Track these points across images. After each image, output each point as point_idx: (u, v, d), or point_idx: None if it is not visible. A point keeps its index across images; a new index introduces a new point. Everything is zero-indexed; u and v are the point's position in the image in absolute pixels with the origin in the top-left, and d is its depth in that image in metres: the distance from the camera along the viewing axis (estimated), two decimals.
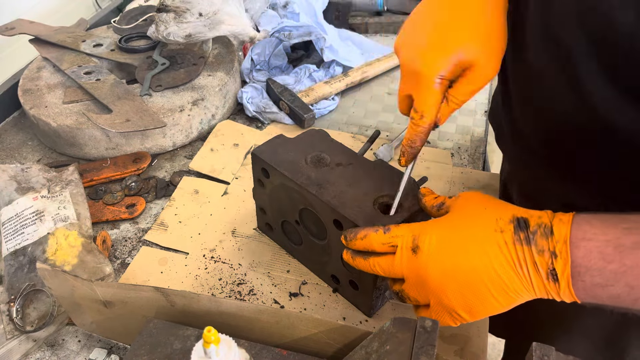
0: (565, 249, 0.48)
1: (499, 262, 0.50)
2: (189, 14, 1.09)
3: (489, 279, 0.51)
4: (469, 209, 0.56)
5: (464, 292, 0.53)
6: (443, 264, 0.54)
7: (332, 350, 0.61)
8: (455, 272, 0.53)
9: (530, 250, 0.49)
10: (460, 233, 0.54)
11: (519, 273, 0.50)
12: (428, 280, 0.55)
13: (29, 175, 0.91)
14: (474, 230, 0.53)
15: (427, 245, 0.55)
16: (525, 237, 0.50)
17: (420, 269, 0.56)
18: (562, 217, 0.50)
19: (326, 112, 1.16)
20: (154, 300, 0.62)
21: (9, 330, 0.74)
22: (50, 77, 1.14)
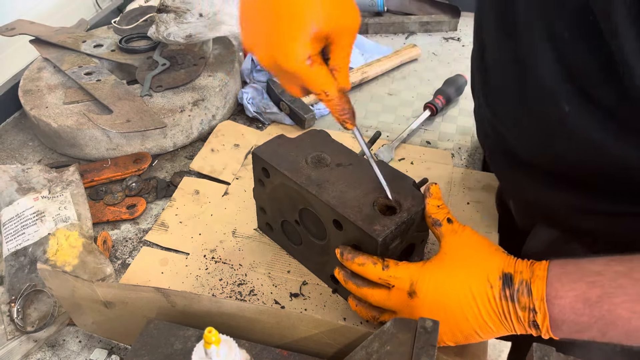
0: (543, 306, 0.55)
1: (487, 313, 0.58)
2: (190, 15, 1.09)
3: (477, 326, 0.59)
4: (464, 256, 0.61)
5: (454, 332, 0.60)
6: (438, 310, 0.59)
7: (333, 351, 0.61)
8: (447, 318, 0.59)
9: (515, 306, 0.56)
10: (455, 283, 0.59)
11: (504, 322, 0.57)
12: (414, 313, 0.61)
13: (29, 175, 0.91)
14: (468, 282, 0.58)
15: (424, 292, 0.60)
16: (510, 294, 0.56)
17: (415, 310, 0.61)
18: (539, 273, 0.56)
19: (326, 112, 1.16)
20: (154, 300, 0.62)
21: (9, 331, 0.74)
22: (51, 78, 1.14)
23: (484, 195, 0.94)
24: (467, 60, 1.34)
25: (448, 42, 1.42)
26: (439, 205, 0.66)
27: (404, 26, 1.45)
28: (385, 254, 0.67)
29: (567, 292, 0.54)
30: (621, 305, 0.51)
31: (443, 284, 0.59)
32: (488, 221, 0.90)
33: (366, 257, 0.64)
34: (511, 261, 0.59)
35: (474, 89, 0.87)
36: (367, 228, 0.65)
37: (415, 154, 1.05)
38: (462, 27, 1.47)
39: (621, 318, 0.51)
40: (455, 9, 1.46)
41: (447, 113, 1.16)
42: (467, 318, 0.58)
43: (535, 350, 0.56)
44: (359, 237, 0.67)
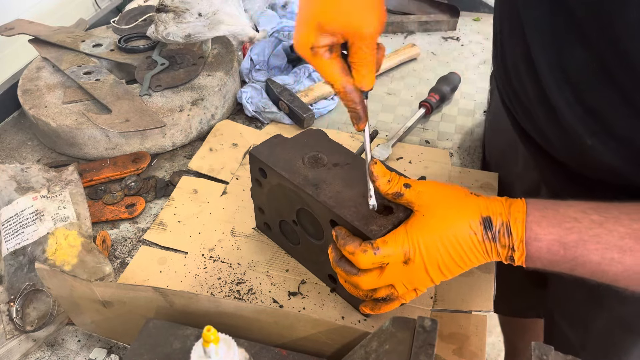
0: (521, 246, 0.59)
1: (473, 254, 0.62)
2: (189, 14, 1.09)
3: (464, 265, 0.64)
4: (441, 210, 0.63)
5: (444, 273, 0.64)
6: (432, 265, 0.63)
7: (332, 350, 0.61)
8: (440, 266, 0.63)
9: (496, 245, 0.61)
10: (443, 238, 0.62)
11: (487, 257, 0.63)
12: (418, 279, 0.65)
13: (28, 175, 0.91)
14: (454, 233, 0.62)
15: (419, 256, 0.63)
16: (491, 236, 0.61)
17: (412, 274, 0.64)
18: (517, 216, 0.60)
19: (325, 112, 1.16)
20: (152, 300, 0.62)
21: (8, 330, 0.74)
22: (50, 77, 1.14)
23: (483, 194, 0.94)
24: (466, 60, 1.35)
25: (447, 41, 1.42)
26: (389, 179, 0.66)
27: (403, 26, 1.45)
28: None
29: (546, 235, 0.58)
30: (594, 252, 0.57)
31: (432, 242, 0.62)
32: None
33: (355, 245, 0.64)
34: (487, 203, 0.62)
35: None
36: (363, 228, 0.65)
37: (414, 153, 1.05)
38: (461, 27, 1.47)
39: (591, 262, 0.57)
40: (454, 8, 1.46)
41: (446, 112, 1.17)
42: (457, 263, 0.63)
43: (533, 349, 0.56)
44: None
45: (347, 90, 0.66)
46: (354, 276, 0.65)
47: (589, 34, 0.58)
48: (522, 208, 0.60)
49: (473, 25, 1.48)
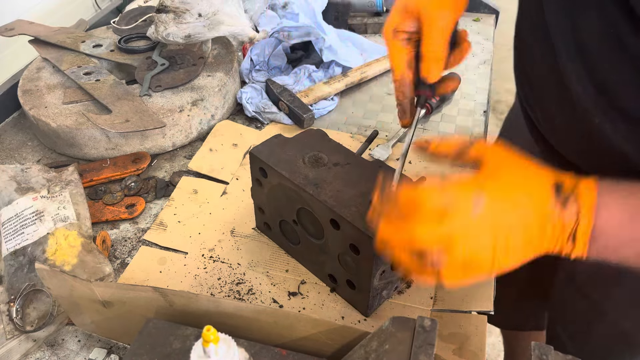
0: (589, 216, 0.52)
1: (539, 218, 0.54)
2: (189, 15, 1.09)
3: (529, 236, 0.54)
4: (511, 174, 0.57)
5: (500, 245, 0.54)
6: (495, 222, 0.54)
7: (331, 350, 0.61)
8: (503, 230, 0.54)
9: (563, 214, 0.53)
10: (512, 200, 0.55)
11: (552, 232, 0.54)
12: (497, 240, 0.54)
13: (28, 175, 0.91)
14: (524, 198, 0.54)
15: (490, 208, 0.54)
16: (562, 202, 0.53)
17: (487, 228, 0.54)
18: (589, 185, 0.54)
19: (325, 112, 1.16)
20: (152, 300, 0.62)
21: (8, 330, 0.74)
22: (50, 78, 1.14)
23: None
24: (466, 60, 1.35)
25: None
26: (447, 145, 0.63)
27: None
28: None
29: (616, 204, 0.53)
30: None
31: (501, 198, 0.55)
32: None
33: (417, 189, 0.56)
34: (558, 173, 0.56)
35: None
36: (364, 227, 0.65)
37: (413, 153, 1.05)
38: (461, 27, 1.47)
39: None
40: None
41: (446, 113, 1.17)
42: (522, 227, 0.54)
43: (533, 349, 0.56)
44: (356, 237, 0.67)
45: (402, 81, 0.67)
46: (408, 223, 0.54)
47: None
48: (592, 180, 0.55)
49: (473, 25, 1.48)
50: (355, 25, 1.45)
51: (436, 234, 0.53)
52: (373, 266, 0.68)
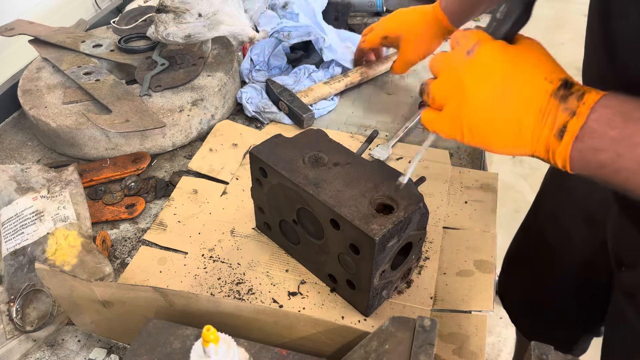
0: (584, 112, 0.52)
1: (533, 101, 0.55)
2: (189, 15, 1.09)
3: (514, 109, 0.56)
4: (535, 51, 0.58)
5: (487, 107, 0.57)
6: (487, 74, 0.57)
7: (331, 350, 0.61)
8: (492, 87, 0.57)
9: (559, 106, 0.54)
10: (516, 60, 0.57)
11: (539, 120, 0.55)
12: (464, 80, 0.58)
13: (28, 175, 0.91)
14: (530, 66, 0.56)
15: (482, 54, 0.58)
16: (562, 95, 0.54)
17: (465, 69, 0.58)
18: (599, 91, 0.53)
19: (325, 112, 1.16)
20: (152, 300, 0.62)
21: (8, 330, 0.74)
22: (50, 78, 1.14)
23: (482, 194, 0.95)
24: None
25: (447, 42, 1.42)
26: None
27: None
28: (382, 252, 0.67)
29: (616, 105, 0.52)
30: None
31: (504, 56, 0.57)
32: (486, 220, 0.90)
33: None
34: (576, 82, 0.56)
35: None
36: (364, 227, 0.65)
37: (414, 153, 1.04)
38: (461, 27, 1.47)
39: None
40: None
41: None
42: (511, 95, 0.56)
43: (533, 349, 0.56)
44: (356, 236, 0.67)
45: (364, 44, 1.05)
46: None
47: None
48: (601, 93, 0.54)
49: (473, 25, 1.48)
50: (355, 25, 1.45)
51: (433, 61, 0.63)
52: (373, 266, 0.68)
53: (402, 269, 0.75)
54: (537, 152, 0.56)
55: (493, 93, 0.57)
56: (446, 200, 0.94)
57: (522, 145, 0.56)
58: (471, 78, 0.58)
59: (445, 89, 0.60)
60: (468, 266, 0.83)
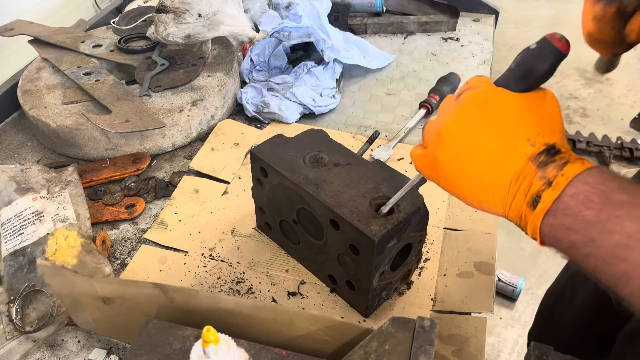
0: (561, 184, 0.48)
1: (509, 162, 0.51)
2: (188, 15, 1.09)
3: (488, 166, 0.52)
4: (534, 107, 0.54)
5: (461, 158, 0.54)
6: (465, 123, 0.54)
7: (331, 349, 0.61)
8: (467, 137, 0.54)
9: (537, 173, 0.50)
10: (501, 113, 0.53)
11: (513, 184, 0.51)
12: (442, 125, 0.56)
13: (28, 175, 0.91)
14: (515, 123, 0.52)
15: (465, 100, 0.55)
16: (542, 161, 0.50)
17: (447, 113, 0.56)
18: (585, 162, 0.50)
19: (327, 110, 1.15)
20: (153, 296, 0.62)
21: (8, 331, 0.74)
22: (50, 78, 1.14)
23: None
24: (466, 60, 1.35)
25: (447, 42, 1.42)
26: None
27: (402, 26, 1.45)
28: (382, 253, 0.67)
29: (597, 183, 0.48)
30: (635, 219, 0.45)
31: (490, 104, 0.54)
32: (487, 221, 0.90)
33: None
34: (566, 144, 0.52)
35: None
36: (363, 228, 0.65)
37: None
38: (461, 28, 1.47)
39: (623, 232, 0.45)
40: (454, 9, 1.46)
41: None
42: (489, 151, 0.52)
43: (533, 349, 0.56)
44: (356, 237, 0.67)
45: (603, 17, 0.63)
46: None
47: None
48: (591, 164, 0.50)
49: (473, 25, 1.48)
50: (355, 26, 1.45)
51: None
52: (372, 267, 0.68)
53: (402, 270, 0.75)
54: (509, 216, 0.53)
55: (469, 143, 0.54)
56: (447, 202, 0.94)
57: (495, 205, 0.53)
58: (448, 123, 0.55)
59: (430, 129, 0.58)
60: (468, 268, 0.83)
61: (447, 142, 0.55)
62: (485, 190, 0.53)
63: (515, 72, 0.54)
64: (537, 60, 0.52)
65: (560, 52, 0.52)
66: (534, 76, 0.53)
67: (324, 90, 1.16)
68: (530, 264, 2.03)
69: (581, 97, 2.90)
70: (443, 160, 0.55)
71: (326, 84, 1.17)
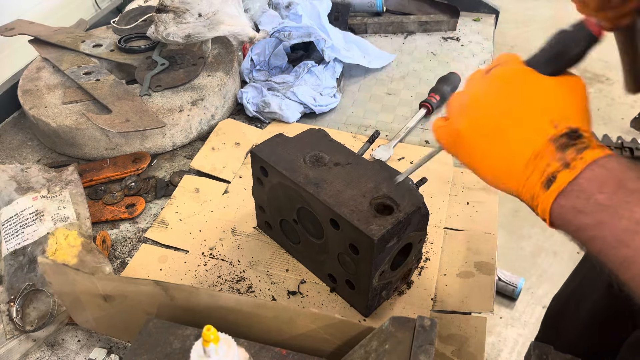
0: (579, 167, 0.49)
1: (530, 141, 0.52)
2: (189, 15, 1.09)
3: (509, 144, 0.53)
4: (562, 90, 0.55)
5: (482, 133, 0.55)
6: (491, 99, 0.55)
7: (331, 348, 0.61)
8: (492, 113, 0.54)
9: (555, 155, 0.50)
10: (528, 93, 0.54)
11: (531, 162, 0.51)
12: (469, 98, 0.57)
13: (28, 175, 0.91)
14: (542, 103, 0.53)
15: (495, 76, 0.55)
16: (562, 144, 0.50)
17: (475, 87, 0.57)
18: (605, 150, 0.50)
19: (327, 109, 1.15)
20: (153, 294, 0.62)
21: (8, 330, 0.74)
22: (50, 78, 1.14)
23: (484, 195, 0.95)
24: (466, 60, 1.35)
25: (447, 42, 1.42)
26: None
27: (402, 26, 1.45)
28: (382, 253, 0.67)
29: (614, 170, 0.48)
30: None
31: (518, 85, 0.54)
32: (487, 221, 0.90)
33: None
34: (590, 130, 0.53)
35: None
36: (363, 227, 0.65)
37: (415, 153, 1.05)
38: (461, 27, 1.47)
39: (631, 218, 0.46)
40: (454, 9, 1.46)
41: None
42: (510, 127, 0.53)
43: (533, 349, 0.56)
44: (356, 237, 0.67)
45: None
46: None
47: None
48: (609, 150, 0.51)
49: (473, 25, 1.48)
50: (355, 25, 1.45)
51: None
52: (372, 266, 0.68)
53: (402, 270, 0.75)
54: (522, 195, 0.53)
55: (492, 117, 0.54)
56: (447, 202, 0.94)
57: (510, 182, 0.54)
58: (475, 98, 0.56)
59: (456, 102, 0.59)
60: (468, 267, 0.83)
61: (472, 115, 0.56)
62: (503, 167, 0.54)
63: (547, 53, 0.55)
64: (570, 42, 0.53)
65: (594, 37, 0.52)
66: (566, 58, 0.54)
67: (324, 90, 1.16)
68: (530, 263, 2.03)
69: None
70: (465, 132, 0.56)
71: (326, 84, 1.17)
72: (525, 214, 2.32)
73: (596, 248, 0.48)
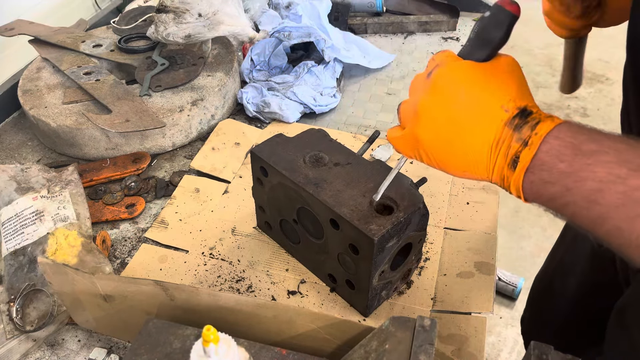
0: (536, 142, 0.51)
1: (487, 130, 0.54)
2: (189, 15, 1.09)
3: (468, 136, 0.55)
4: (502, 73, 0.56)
5: (441, 132, 0.57)
6: (440, 98, 0.56)
7: (331, 347, 0.61)
8: (445, 111, 0.56)
9: (513, 136, 0.53)
10: (473, 85, 0.55)
11: (493, 149, 0.54)
12: (419, 103, 0.58)
13: (28, 175, 0.91)
14: (488, 92, 0.55)
15: (438, 77, 0.57)
16: (517, 124, 0.53)
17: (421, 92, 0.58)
18: (555, 119, 0.53)
19: (327, 109, 1.16)
20: (153, 294, 0.62)
21: (8, 330, 0.74)
22: (50, 78, 1.14)
23: (484, 195, 0.95)
24: None
25: (447, 42, 1.42)
26: None
27: (402, 26, 1.45)
28: (382, 253, 0.67)
29: (567, 137, 0.51)
30: (604, 164, 0.48)
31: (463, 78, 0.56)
32: (487, 221, 0.90)
33: None
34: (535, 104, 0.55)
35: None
36: (363, 227, 0.65)
37: None
38: (461, 27, 1.47)
39: (594, 178, 0.49)
40: (454, 9, 1.46)
41: None
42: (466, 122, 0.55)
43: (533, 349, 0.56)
44: (356, 237, 0.67)
45: None
46: None
47: None
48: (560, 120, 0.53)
49: (473, 25, 1.48)
50: (355, 25, 1.45)
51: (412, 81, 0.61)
52: (372, 266, 0.68)
53: (401, 270, 0.75)
54: (493, 180, 0.56)
55: (447, 118, 0.56)
56: (447, 202, 0.94)
57: (478, 172, 0.56)
58: (425, 102, 0.57)
59: (406, 109, 0.60)
60: (468, 268, 0.83)
61: (425, 120, 0.57)
62: (468, 160, 0.56)
63: (475, 42, 0.57)
64: (493, 26, 0.56)
65: (512, 15, 0.55)
66: (494, 42, 0.56)
67: (324, 90, 1.16)
68: (530, 263, 2.03)
69: (581, 97, 2.90)
70: (424, 137, 0.58)
71: (326, 83, 1.17)
72: (525, 214, 2.32)
73: (569, 212, 0.51)
